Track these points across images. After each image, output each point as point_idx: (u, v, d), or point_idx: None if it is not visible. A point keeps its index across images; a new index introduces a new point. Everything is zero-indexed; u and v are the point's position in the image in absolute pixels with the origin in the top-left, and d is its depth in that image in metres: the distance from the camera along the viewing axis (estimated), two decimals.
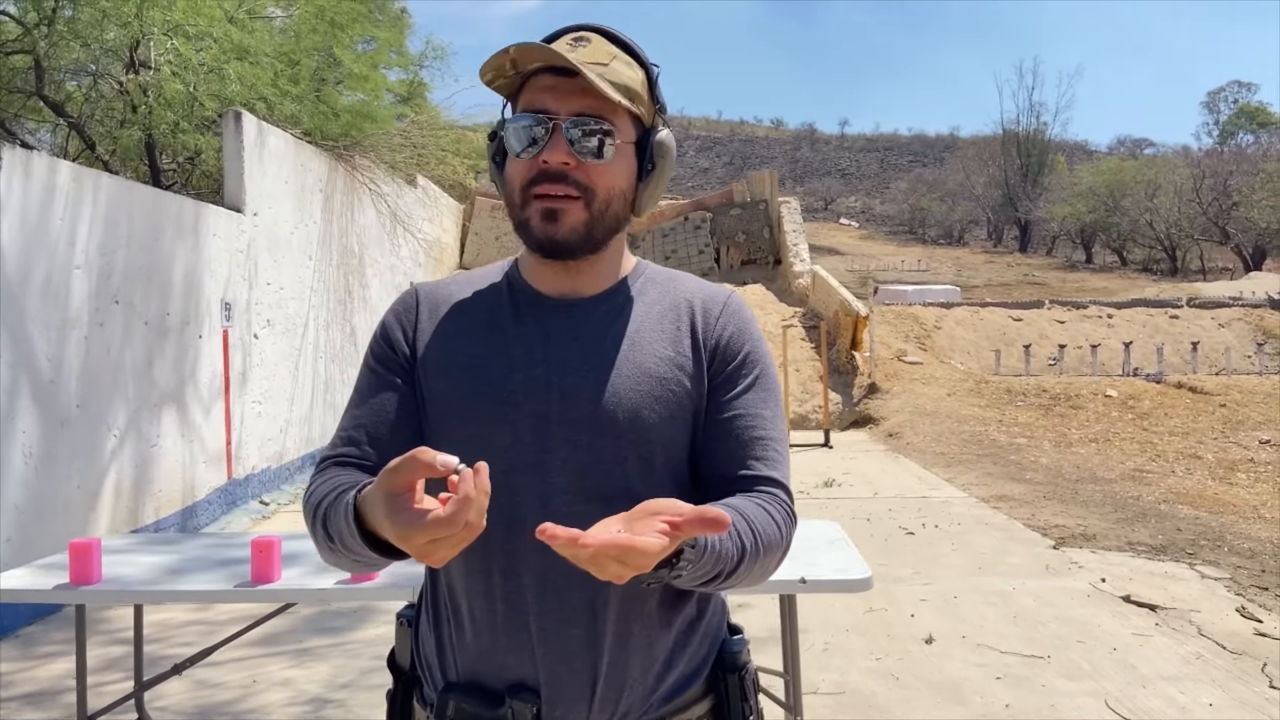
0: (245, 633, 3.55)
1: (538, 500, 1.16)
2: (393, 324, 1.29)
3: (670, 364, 1.22)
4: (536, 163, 1.17)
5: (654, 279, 1.32)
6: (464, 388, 1.21)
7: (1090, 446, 10.43)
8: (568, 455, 1.17)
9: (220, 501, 7.27)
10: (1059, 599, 5.13)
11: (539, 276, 1.27)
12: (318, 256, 9.47)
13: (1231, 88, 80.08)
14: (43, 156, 5.32)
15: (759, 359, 1.26)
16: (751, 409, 1.23)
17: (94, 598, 2.83)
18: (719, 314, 1.27)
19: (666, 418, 1.20)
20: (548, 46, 1.13)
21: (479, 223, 18.71)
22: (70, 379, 5.44)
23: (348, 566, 1.14)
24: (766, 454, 1.21)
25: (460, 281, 1.33)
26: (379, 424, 1.23)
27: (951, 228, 74.21)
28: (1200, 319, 18.74)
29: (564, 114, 1.16)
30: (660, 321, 1.26)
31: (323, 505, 1.12)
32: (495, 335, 1.24)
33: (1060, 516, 7.15)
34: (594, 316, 1.24)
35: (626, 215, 1.24)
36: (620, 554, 0.86)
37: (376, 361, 1.28)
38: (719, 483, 1.20)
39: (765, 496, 1.18)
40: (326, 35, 9.82)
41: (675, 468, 1.22)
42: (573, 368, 1.20)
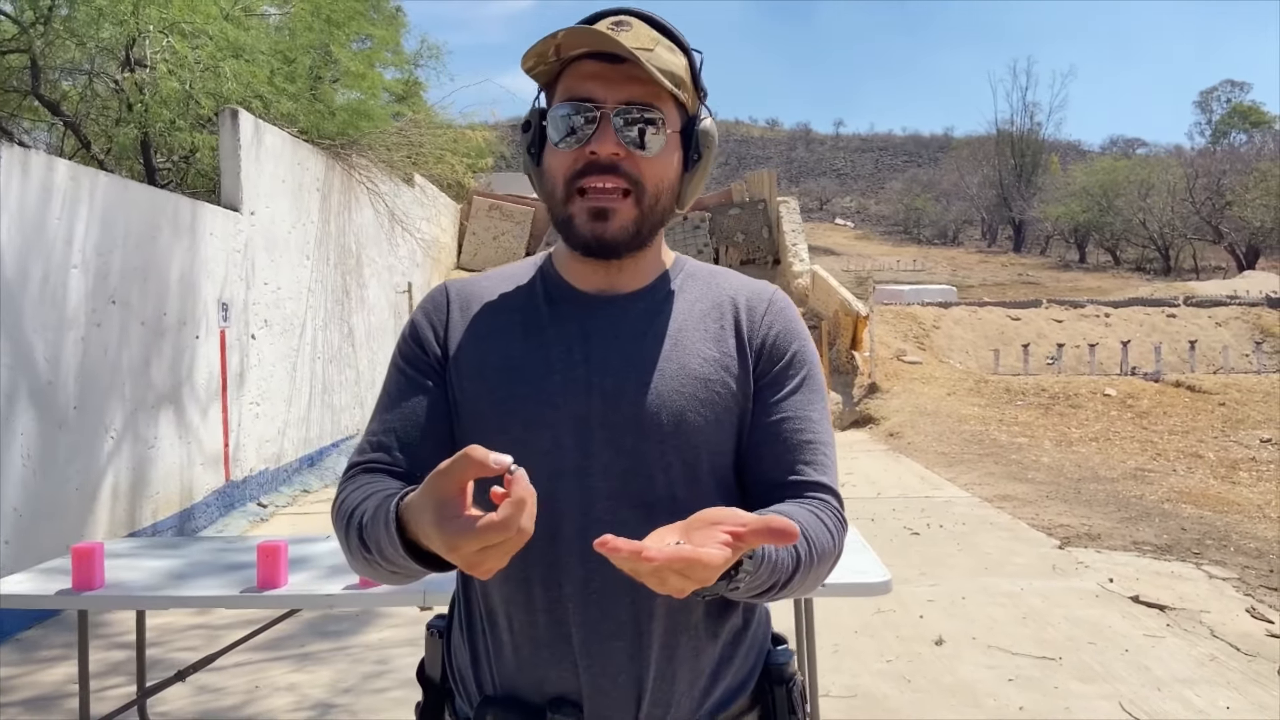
0: (251, 638, 3.49)
1: (579, 507, 1.12)
2: (422, 323, 1.24)
3: (715, 364, 1.18)
4: (583, 154, 1.12)
5: (694, 275, 1.27)
6: (500, 390, 1.16)
7: (1091, 445, 10.41)
8: (610, 460, 1.13)
9: (218, 504, 7.20)
10: (1068, 599, 5.09)
11: (576, 272, 1.22)
12: (315, 256, 9.40)
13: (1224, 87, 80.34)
14: (40, 155, 5.26)
15: (806, 358, 1.22)
16: (800, 411, 1.18)
17: (97, 603, 2.77)
18: (764, 311, 1.23)
19: (712, 421, 1.15)
20: (600, 31, 1.08)
21: (476, 223, 18.65)
22: (68, 380, 5.37)
23: (384, 578, 1.08)
24: (815, 458, 1.17)
25: (492, 277, 1.28)
26: (409, 428, 1.18)
27: (946, 228, 74.37)
28: (1198, 318, 18.76)
29: (612, 102, 1.11)
30: (703, 320, 1.21)
31: (358, 513, 1.06)
32: (531, 334, 1.19)
33: (1064, 516, 7.11)
34: (633, 314, 1.20)
35: (672, 208, 1.20)
36: (684, 567, 0.82)
37: (405, 362, 1.22)
38: (766, 488, 1.16)
39: (815, 502, 1.13)
40: (323, 33, 9.75)
41: (721, 473, 1.17)
42: (614, 368, 1.15)
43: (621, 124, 1.11)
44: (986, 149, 75.93)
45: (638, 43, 1.10)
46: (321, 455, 9.43)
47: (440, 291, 1.27)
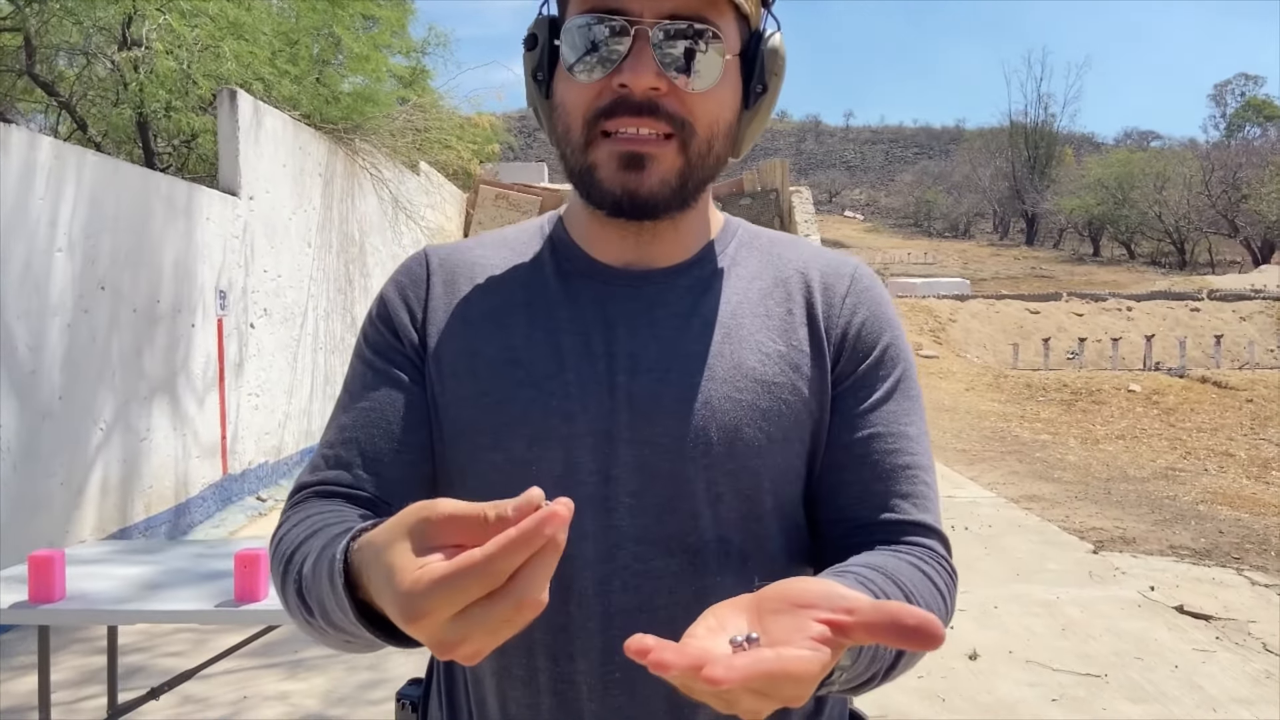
0: (233, 651, 3.22)
1: (599, 552, 0.82)
2: (395, 300, 0.93)
3: (781, 362, 0.88)
4: (610, 85, 0.82)
5: (750, 243, 0.97)
6: (496, 391, 0.86)
7: (1118, 443, 10.10)
8: (640, 489, 0.83)
9: (215, 498, 6.94)
10: (1108, 610, 4.80)
11: (597, 240, 0.92)
12: (317, 243, 9.13)
13: (1238, 80, 79.88)
14: (21, 131, 4.98)
15: (899, 355, 0.92)
16: (893, 425, 0.88)
17: (54, 617, 2.50)
18: (845, 292, 0.92)
19: (778, 439, 0.85)
20: None
21: (483, 211, 18.36)
22: (53, 369, 5.10)
23: (333, 645, 0.77)
24: (915, 489, 0.87)
25: (486, 244, 0.97)
26: (377, 438, 0.87)
27: (957, 220, 73.99)
28: (1221, 312, 18.38)
29: (650, 15, 0.80)
30: (763, 302, 0.91)
31: (297, 559, 0.76)
32: (538, 318, 0.89)
33: (1096, 518, 6.81)
34: (673, 295, 0.90)
35: (727, 157, 0.89)
36: (766, 685, 0.51)
37: (373, 351, 0.92)
38: (848, 530, 0.86)
39: (920, 552, 0.83)
40: (326, 14, 9.46)
41: (787, 508, 0.88)
42: (646, 365, 0.86)
43: (664, 44, 0.80)
44: (999, 141, 75.51)
45: None
46: None
47: (418, 260, 0.96)
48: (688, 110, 0.82)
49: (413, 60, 14.92)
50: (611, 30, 0.80)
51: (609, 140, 0.83)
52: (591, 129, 0.83)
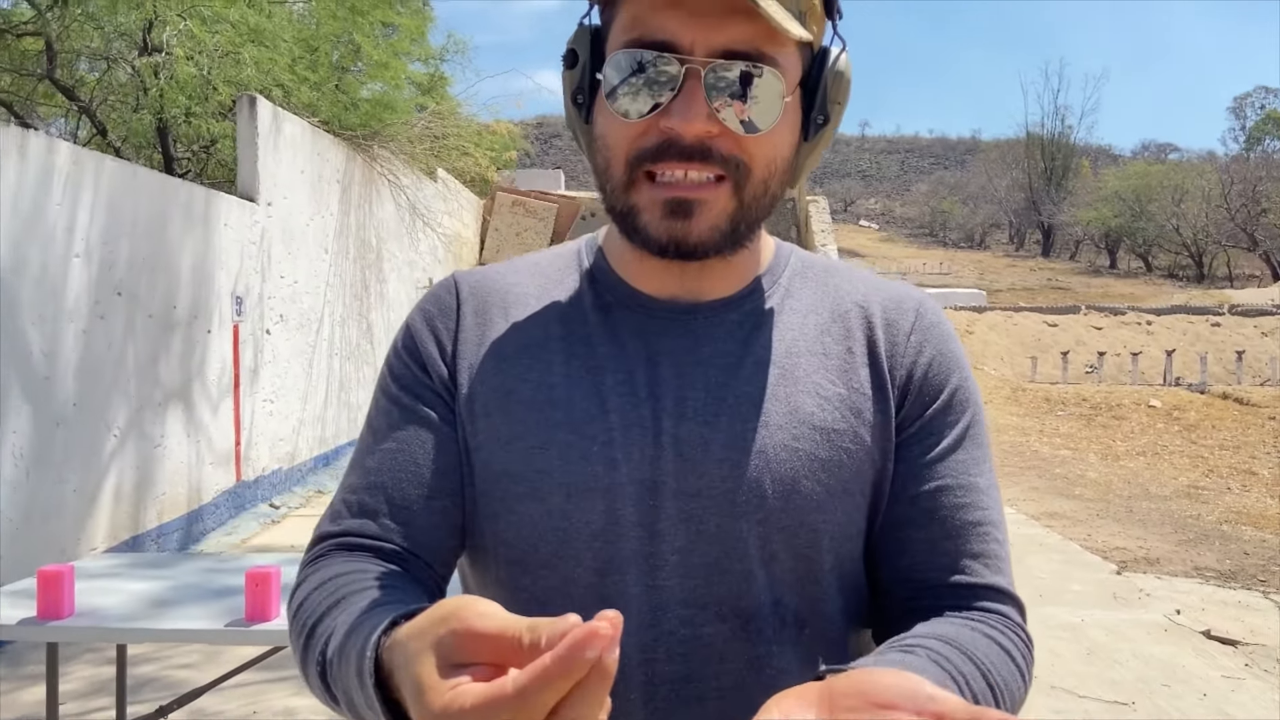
0: (244, 669, 3.17)
1: (643, 615, 0.75)
2: (422, 331, 0.86)
3: (842, 406, 0.80)
4: (655, 126, 0.74)
5: (805, 273, 0.89)
6: (531, 435, 0.79)
7: (1139, 460, 9.97)
8: (687, 546, 0.76)
9: (228, 505, 6.91)
10: (1134, 633, 4.70)
11: (639, 271, 0.84)
12: (334, 249, 9.11)
13: (1258, 93, 79.23)
14: (40, 136, 4.97)
15: (969, 398, 0.84)
16: (963, 476, 0.80)
17: (63, 634, 2.45)
18: (910, 328, 0.84)
19: (838, 491, 0.78)
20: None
21: (499, 219, 18.35)
22: (67, 375, 5.08)
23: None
24: (987, 548, 0.79)
25: (519, 270, 0.90)
26: (404, 483, 0.80)
27: (973, 231, 73.72)
28: (1243, 327, 18.19)
29: (702, 51, 0.72)
30: (821, 339, 0.83)
31: (319, 636, 0.69)
32: (576, 354, 0.82)
33: (1119, 538, 6.71)
34: (721, 330, 0.82)
35: (782, 194, 0.80)
36: None
37: (399, 387, 0.84)
38: (913, 593, 0.79)
39: (995, 620, 0.75)
40: (346, 21, 9.46)
41: (846, 566, 0.80)
42: (694, 409, 0.78)
43: (717, 85, 0.72)
44: (1016, 152, 75.20)
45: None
46: (337, 454, 9.15)
47: (447, 287, 0.88)
48: (743, 151, 0.75)
49: (431, 67, 14.92)
50: (660, 67, 0.73)
51: (653, 185, 0.75)
52: (634, 170, 0.76)
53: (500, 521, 0.79)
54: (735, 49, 0.72)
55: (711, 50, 0.72)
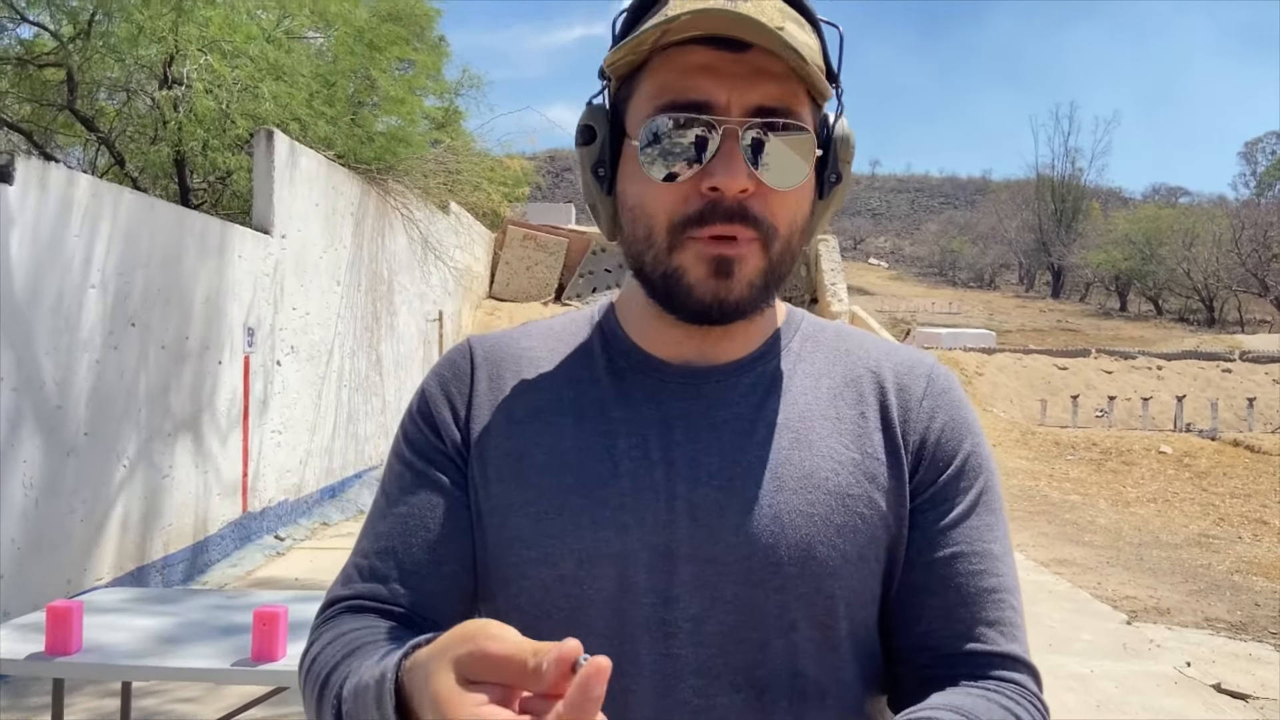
0: (246, 710, 3.15)
1: (655, 685, 0.75)
2: (437, 396, 0.87)
3: (856, 471, 0.80)
4: (697, 190, 0.75)
5: (815, 336, 0.90)
6: (543, 499, 0.79)
7: (1149, 507, 9.90)
8: (702, 614, 0.76)
9: (234, 536, 6.90)
10: (1144, 685, 4.65)
11: (653, 336, 0.85)
12: (346, 281, 9.17)
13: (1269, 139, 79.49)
14: (60, 169, 5.03)
15: (982, 464, 0.84)
16: (977, 543, 0.80)
17: (70, 671, 2.45)
18: (922, 393, 0.85)
19: (854, 557, 0.78)
20: (736, 13, 0.71)
21: (510, 252, 18.46)
22: (79, 405, 5.10)
23: None
24: (1002, 615, 0.79)
25: (534, 334, 0.91)
26: (415, 548, 0.81)
27: (983, 271, 73.87)
28: (1254, 374, 18.12)
29: (737, 110, 0.74)
30: (834, 404, 0.84)
31: (334, 681, 0.71)
32: (588, 418, 0.83)
33: (1129, 586, 6.65)
34: (735, 394, 0.83)
35: (802, 250, 0.83)
36: None
37: (413, 452, 0.85)
38: (929, 661, 0.79)
39: (1011, 690, 0.75)
40: (364, 57, 9.58)
41: (863, 636, 0.80)
42: (709, 474, 0.79)
43: (754, 144, 0.74)
44: (1026, 193, 75.52)
45: (765, 19, 0.72)
46: (344, 486, 9.15)
47: (462, 352, 0.89)
48: (770, 211, 0.77)
49: (445, 101, 15.08)
50: (699, 129, 0.75)
51: (697, 244, 0.77)
52: (678, 234, 0.77)
53: (512, 586, 0.80)
54: (766, 105, 0.75)
55: (746, 110, 0.74)
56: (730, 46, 0.74)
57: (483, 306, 16.55)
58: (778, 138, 0.75)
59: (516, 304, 17.45)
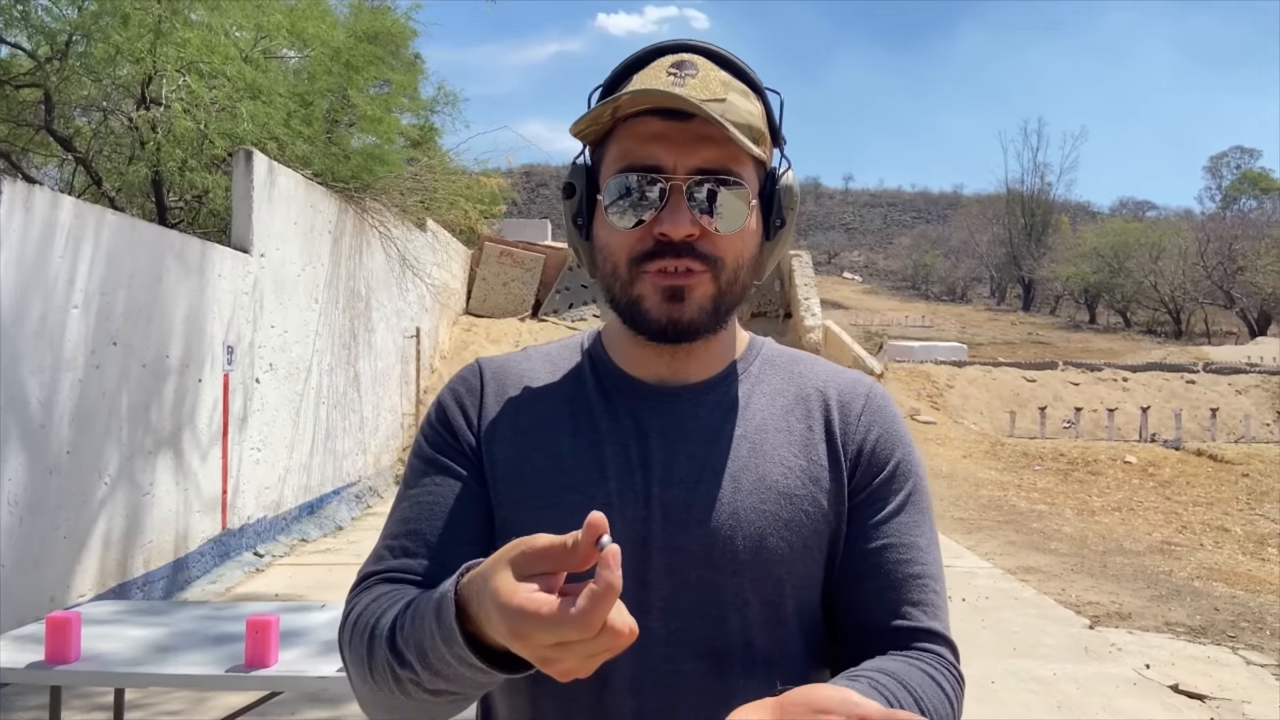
0: (239, 715, 3.24)
1: (632, 653, 0.86)
2: (452, 406, 1.02)
3: (803, 476, 0.95)
4: (649, 233, 0.91)
5: (773, 361, 1.05)
6: (542, 496, 0.94)
7: (1114, 515, 10.12)
8: (670, 594, 0.91)
9: (213, 553, 6.95)
10: (1104, 687, 4.81)
11: (632, 358, 1.01)
12: (324, 299, 9.25)
13: (1234, 153, 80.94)
14: (45, 191, 5.11)
15: (911, 470, 1.00)
16: (905, 537, 0.96)
17: (71, 679, 2.54)
18: (861, 410, 1.01)
19: (799, 548, 0.93)
20: (670, 93, 0.87)
21: (486, 268, 18.55)
22: (62, 424, 5.17)
23: (416, 708, 0.83)
24: (924, 597, 0.94)
25: (533, 358, 1.07)
26: (440, 530, 0.95)
27: (955, 284, 74.60)
28: (1217, 385, 18.51)
29: (682, 170, 0.90)
30: (786, 418, 0.99)
31: (384, 623, 0.83)
32: (581, 430, 0.97)
33: (1092, 592, 6.83)
34: (702, 409, 0.98)
35: (751, 283, 0.98)
36: None
37: (434, 450, 0.99)
38: (863, 635, 0.93)
39: (929, 659, 0.90)
40: (341, 77, 9.69)
41: (807, 614, 0.95)
42: (678, 476, 0.94)
43: (695, 195, 0.90)
44: (996, 207, 76.41)
45: (708, 92, 0.89)
46: (322, 503, 9.19)
47: (473, 371, 1.04)
48: (718, 250, 0.92)
49: (421, 118, 15.20)
50: (650, 185, 0.90)
51: (651, 276, 0.92)
52: (635, 268, 0.93)
53: None
54: (707, 168, 0.90)
55: (689, 170, 0.90)
56: (678, 117, 0.89)
57: (460, 323, 16.61)
58: (716, 189, 0.90)
59: (493, 320, 17.52)
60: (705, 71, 0.92)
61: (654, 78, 0.91)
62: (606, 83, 0.97)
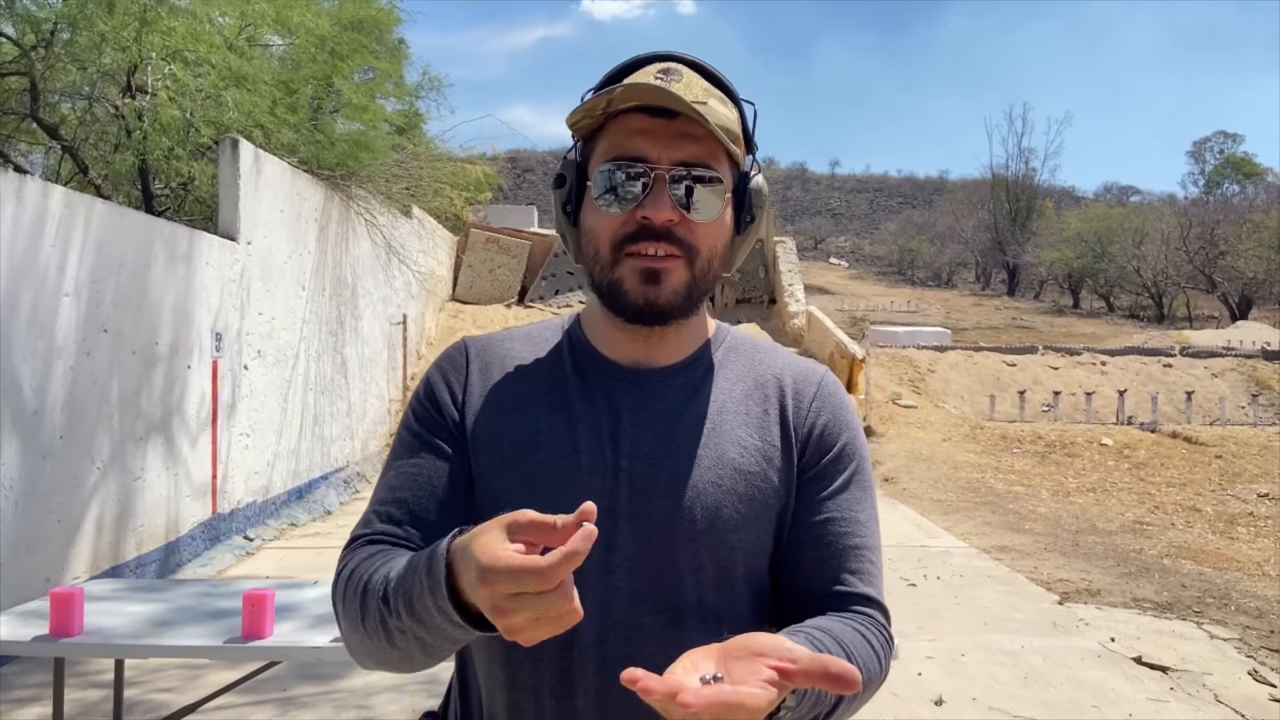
0: (233, 688, 3.37)
1: (597, 609, 1.00)
2: (439, 383, 1.12)
3: (756, 454, 1.07)
4: (633, 218, 1.03)
5: (737, 349, 1.17)
6: (519, 468, 1.05)
7: (1088, 496, 10.33)
8: (634, 556, 1.02)
9: (203, 537, 7.06)
10: (1069, 659, 4.99)
11: (609, 341, 1.11)
12: (311, 286, 9.33)
13: (1217, 138, 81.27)
14: (36, 182, 5.19)
15: (855, 452, 1.11)
16: (847, 511, 1.07)
17: (75, 651, 2.67)
18: (813, 396, 1.12)
19: (750, 519, 1.04)
20: (655, 86, 0.98)
21: (473, 255, 18.61)
22: (55, 410, 5.27)
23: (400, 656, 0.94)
24: (862, 566, 1.06)
25: (515, 338, 1.17)
26: (423, 498, 1.05)
27: (940, 270, 74.78)
28: (1194, 368, 18.76)
29: (665, 162, 1.02)
30: (745, 402, 1.11)
31: (378, 576, 0.94)
32: (557, 408, 1.08)
33: (1063, 570, 7.02)
34: (669, 391, 1.09)
35: (722, 272, 1.10)
36: (724, 711, 0.70)
37: (420, 424, 1.10)
38: (805, 598, 1.05)
39: (862, 619, 1.02)
40: (326, 65, 9.74)
41: (756, 578, 1.06)
42: (644, 452, 1.05)
43: (676, 185, 1.02)
44: (982, 193, 76.55)
45: (691, 95, 1.01)
46: (310, 488, 9.30)
47: (459, 350, 1.15)
48: (694, 237, 1.04)
49: (406, 104, 15.21)
50: (636, 174, 1.02)
51: (631, 259, 1.03)
52: (618, 251, 1.04)
53: None
54: (688, 160, 1.02)
55: (672, 162, 1.02)
56: (664, 115, 1.01)
57: (446, 309, 16.69)
58: (698, 184, 1.02)
59: (480, 306, 17.61)
60: (689, 78, 1.04)
61: (643, 79, 1.02)
62: (597, 86, 1.08)
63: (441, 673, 4.63)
